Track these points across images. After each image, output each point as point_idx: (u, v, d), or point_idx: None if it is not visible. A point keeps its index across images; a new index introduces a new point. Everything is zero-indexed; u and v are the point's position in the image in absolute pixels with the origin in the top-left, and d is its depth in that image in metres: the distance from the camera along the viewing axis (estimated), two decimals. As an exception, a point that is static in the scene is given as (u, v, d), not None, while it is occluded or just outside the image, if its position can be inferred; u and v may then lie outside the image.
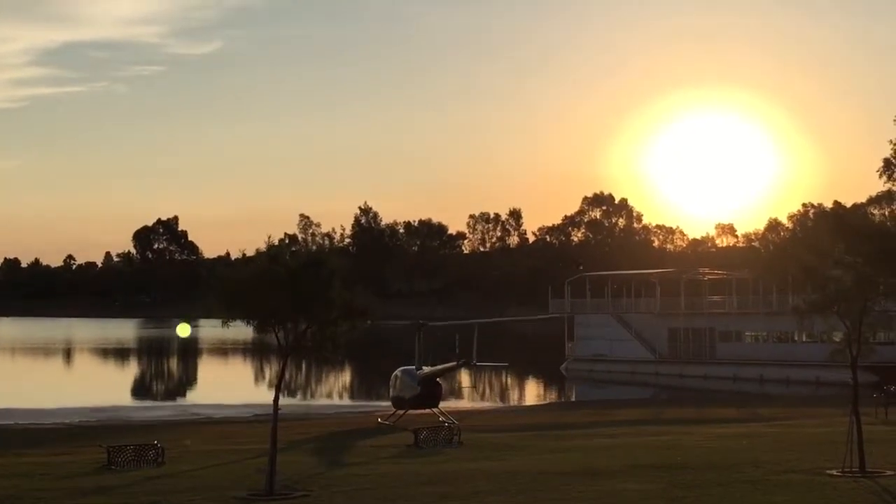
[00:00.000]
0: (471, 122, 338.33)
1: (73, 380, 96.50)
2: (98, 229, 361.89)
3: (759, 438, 37.55)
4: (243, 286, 25.40)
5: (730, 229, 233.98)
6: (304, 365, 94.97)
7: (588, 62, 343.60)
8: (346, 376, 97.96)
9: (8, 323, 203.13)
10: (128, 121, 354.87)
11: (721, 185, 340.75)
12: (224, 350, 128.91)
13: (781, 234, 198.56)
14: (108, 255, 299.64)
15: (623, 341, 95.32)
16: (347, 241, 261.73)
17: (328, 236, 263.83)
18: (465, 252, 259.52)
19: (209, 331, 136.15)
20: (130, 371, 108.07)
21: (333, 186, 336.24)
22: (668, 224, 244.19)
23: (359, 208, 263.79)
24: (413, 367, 51.38)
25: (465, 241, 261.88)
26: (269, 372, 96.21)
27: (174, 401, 75.69)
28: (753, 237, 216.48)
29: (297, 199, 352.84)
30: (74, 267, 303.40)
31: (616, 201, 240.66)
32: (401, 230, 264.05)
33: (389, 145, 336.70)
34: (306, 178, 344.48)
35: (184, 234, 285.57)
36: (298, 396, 77.48)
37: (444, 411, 50.96)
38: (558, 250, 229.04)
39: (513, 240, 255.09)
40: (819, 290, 27.95)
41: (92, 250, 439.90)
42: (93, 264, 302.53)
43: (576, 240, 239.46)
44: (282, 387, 26.35)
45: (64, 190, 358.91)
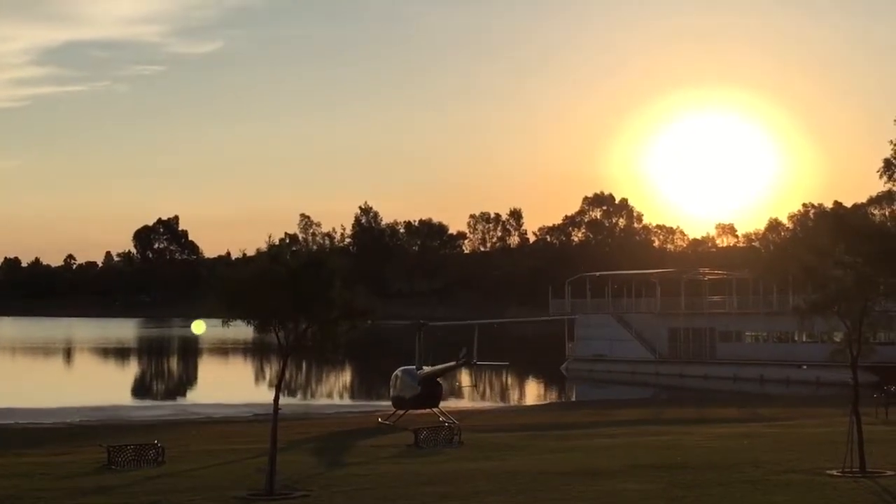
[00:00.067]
0: (471, 122, 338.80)
1: (74, 379, 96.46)
2: (98, 229, 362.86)
3: (760, 438, 37.55)
4: (244, 286, 25.39)
5: (730, 229, 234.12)
6: (304, 365, 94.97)
7: (588, 62, 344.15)
8: (346, 376, 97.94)
9: (8, 322, 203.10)
10: (128, 120, 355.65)
11: (721, 186, 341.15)
12: (224, 350, 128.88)
13: (782, 234, 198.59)
14: (108, 254, 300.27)
15: (623, 341, 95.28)
16: (348, 240, 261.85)
17: (328, 236, 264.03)
18: (466, 252, 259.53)
19: (210, 330, 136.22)
20: (131, 371, 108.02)
21: (334, 186, 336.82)
22: (668, 224, 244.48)
23: (359, 208, 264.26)
24: (413, 366, 51.37)
25: (466, 241, 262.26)
26: (270, 372, 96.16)
27: (174, 400, 75.67)
28: (754, 237, 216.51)
29: (297, 198, 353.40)
30: (75, 266, 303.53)
31: (616, 201, 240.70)
32: (401, 230, 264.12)
33: (390, 145, 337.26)
34: (307, 178, 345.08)
35: (184, 233, 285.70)
36: (298, 396, 77.45)
37: (444, 411, 50.96)
38: (559, 250, 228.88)
39: (513, 240, 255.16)
40: (819, 291, 27.94)
41: (92, 250, 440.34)
42: (93, 264, 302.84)
43: (576, 240, 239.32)
44: (282, 386, 26.35)
45: (64, 189, 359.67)
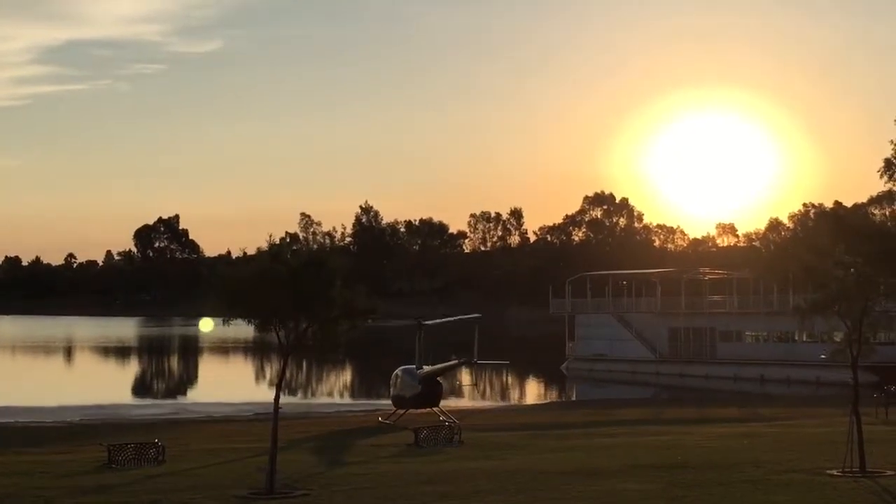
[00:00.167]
0: (471, 121, 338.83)
1: (74, 378, 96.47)
2: (99, 228, 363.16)
3: (760, 438, 37.55)
4: (244, 285, 25.41)
5: (730, 229, 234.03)
6: (304, 364, 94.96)
7: (588, 62, 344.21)
8: (346, 375, 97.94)
9: (9, 321, 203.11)
10: (129, 119, 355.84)
11: (722, 185, 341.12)
12: (225, 348, 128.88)
13: (782, 233, 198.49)
14: (108, 253, 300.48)
15: (624, 341, 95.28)
16: (348, 240, 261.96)
17: (329, 235, 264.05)
18: (466, 251, 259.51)
19: (216, 328, 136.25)
20: (131, 369, 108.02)
21: (334, 185, 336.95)
22: (668, 224, 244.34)
23: (360, 207, 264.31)
24: (413, 366, 51.39)
25: (466, 241, 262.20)
26: (270, 371, 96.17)
27: (175, 399, 75.69)
28: (754, 237, 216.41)
29: (297, 197, 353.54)
30: (75, 265, 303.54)
31: (617, 201, 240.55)
32: (402, 229, 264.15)
33: (390, 145, 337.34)
34: (307, 177, 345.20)
35: (185, 232, 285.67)
36: (299, 395, 77.44)
37: (444, 410, 50.98)
38: (559, 250, 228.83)
39: (514, 239, 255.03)
40: (820, 290, 27.94)
41: (93, 249, 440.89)
42: (94, 263, 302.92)
43: (577, 239, 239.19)
44: (282, 385, 26.36)
45: (65, 188, 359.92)
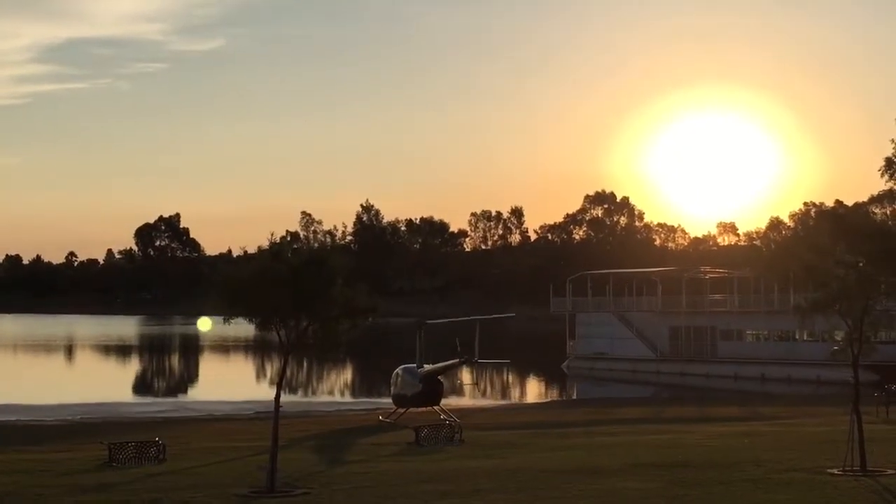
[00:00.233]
0: (472, 121, 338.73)
1: (75, 377, 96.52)
2: (100, 226, 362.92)
3: (761, 437, 37.55)
4: (245, 284, 25.41)
5: (731, 228, 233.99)
6: (305, 362, 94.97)
7: (588, 62, 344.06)
8: (347, 374, 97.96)
9: (10, 320, 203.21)
10: (130, 118, 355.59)
11: (723, 184, 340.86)
12: (226, 347, 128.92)
13: (783, 232, 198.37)
14: (109, 252, 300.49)
15: (624, 339, 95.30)
16: (349, 238, 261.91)
17: (330, 234, 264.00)
18: (467, 250, 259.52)
19: (215, 327, 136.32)
20: (132, 368, 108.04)
21: (335, 184, 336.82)
22: (669, 222, 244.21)
23: (360, 206, 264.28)
24: (414, 364, 51.38)
25: (467, 239, 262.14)
26: (271, 369, 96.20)
27: (175, 398, 75.73)
28: (755, 236, 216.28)
29: (298, 196, 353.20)
30: (76, 264, 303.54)
31: (618, 199, 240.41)
32: (402, 228, 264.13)
33: (391, 144, 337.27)
34: (308, 176, 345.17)
35: (185, 231, 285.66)
36: (300, 394, 77.48)
37: (445, 409, 50.98)
38: (560, 248, 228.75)
39: (514, 238, 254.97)
40: (821, 289, 27.93)
41: (94, 247, 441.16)
42: (94, 261, 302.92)
43: (577, 238, 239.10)
44: (283, 384, 26.37)
45: (66, 187, 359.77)
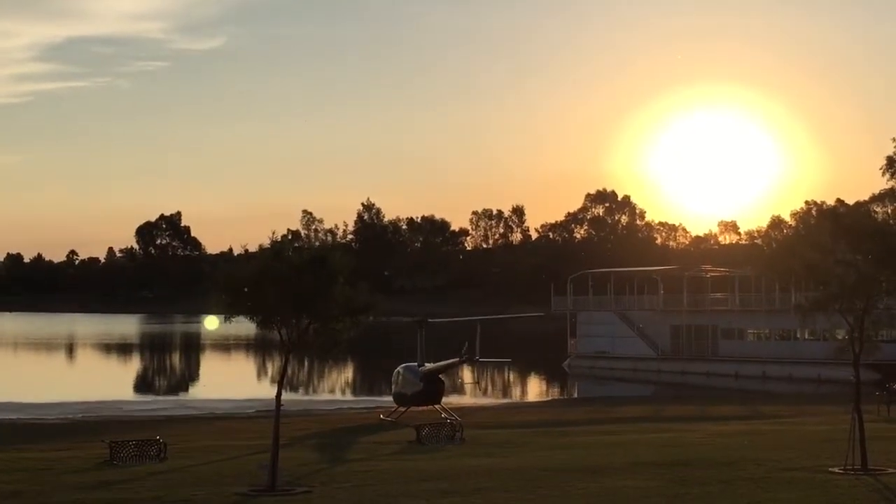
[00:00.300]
0: (472, 120, 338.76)
1: (76, 375, 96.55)
2: (101, 225, 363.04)
3: (761, 436, 37.56)
4: (246, 283, 25.39)
5: (732, 226, 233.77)
6: (306, 361, 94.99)
7: (589, 61, 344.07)
8: (348, 372, 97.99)
9: (10, 318, 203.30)
10: (131, 116, 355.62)
11: (724, 183, 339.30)
12: (227, 346, 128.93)
13: (784, 231, 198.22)
14: (110, 250, 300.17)
15: (625, 338, 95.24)
16: (350, 237, 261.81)
17: (331, 232, 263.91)
18: (468, 249, 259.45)
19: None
20: (133, 366, 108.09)
21: (336, 183, 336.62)
22: (670, 221, 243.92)
23: (361, 204, 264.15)
24: (415, 363, 51.37)
25: (468, 238, 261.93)
26: (272, 368, 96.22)
27: (176, 396, 75.77)
28: (756, 234, 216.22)
29: (299, 195, 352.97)
30: (77, 262, 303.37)
31: (619, 198, 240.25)
32: (403, 226, 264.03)
33: (392, 142, 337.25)
34: (309, 175, 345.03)
35: (186, 229, 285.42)
36: (301, 392, 77.51)
37: (446, 408, 50.96)
38: (561, 247, 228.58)
39: (516, 236, 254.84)
40: (822, 288, 27.91)
41: (95, 246, 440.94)
42: (95, 260, 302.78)
43: (579, 237, 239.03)
44: (284, 383, 26.38)
45: (67, 185, 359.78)
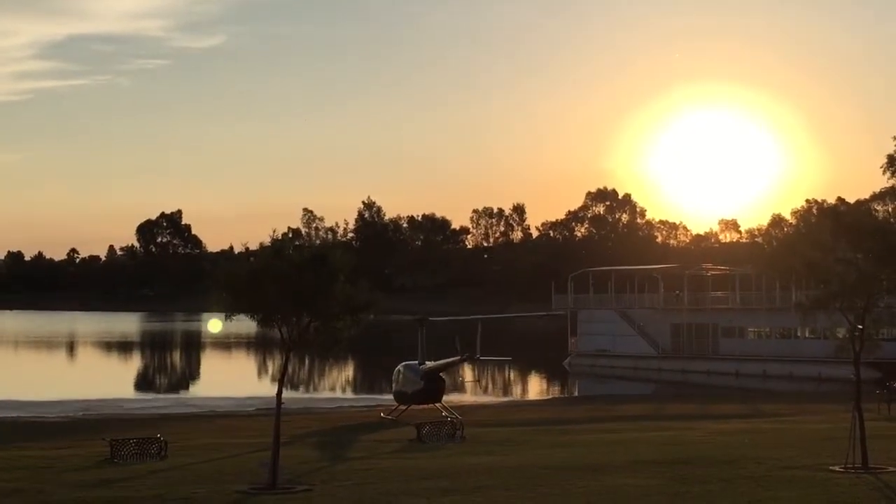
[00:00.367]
0: (472, 119, 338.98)
1: (77, 373, 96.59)
2: (101, 223, 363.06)
3: (762, 434, 37.57)
4: (246, 281, 25.40)
5: (733, 225, 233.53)
6: (307, 359, 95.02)
7: (590, 60, 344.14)
8: (348, 371, 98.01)
9: (11, 316, 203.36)
10: (131, 114, 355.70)
11: (724, 181, 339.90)
12: (227, 344, 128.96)
13: (785, 229, 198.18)
14: (111, 248, 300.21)
15: (626, 337, 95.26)
16: (351, 235, 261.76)
17: (332, 230, 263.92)
18: (469, 247, 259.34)
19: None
20: (133, 364, 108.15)
21: (337, 181, 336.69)
22: (671, 220, 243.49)
23: (362, 203, 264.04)
24: (416, 361, 51.38)
25: (469, 236, 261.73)
26: (273, 366, 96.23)
27: (177, 394, 75.80)
28: (757, 233, 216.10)
29: (300, 193, 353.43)
30: (78, 260, 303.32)
31: (619, 197, 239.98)
32: (404, 225, 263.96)
33: (392, 141, 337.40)
34: (310, 173, 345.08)
35: (187, 227, 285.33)
36: (301, 390, 77.55)
37: (446, 406, 50.97)
38: (562, 245, 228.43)
39: (516, 235, 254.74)
40: (822, 286, 27.91)
41: (95, 244, 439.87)
42: (96, 258, 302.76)
43: (579, 235, 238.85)
44: (285, 381, 26.39)
45: (67, 183, 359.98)
